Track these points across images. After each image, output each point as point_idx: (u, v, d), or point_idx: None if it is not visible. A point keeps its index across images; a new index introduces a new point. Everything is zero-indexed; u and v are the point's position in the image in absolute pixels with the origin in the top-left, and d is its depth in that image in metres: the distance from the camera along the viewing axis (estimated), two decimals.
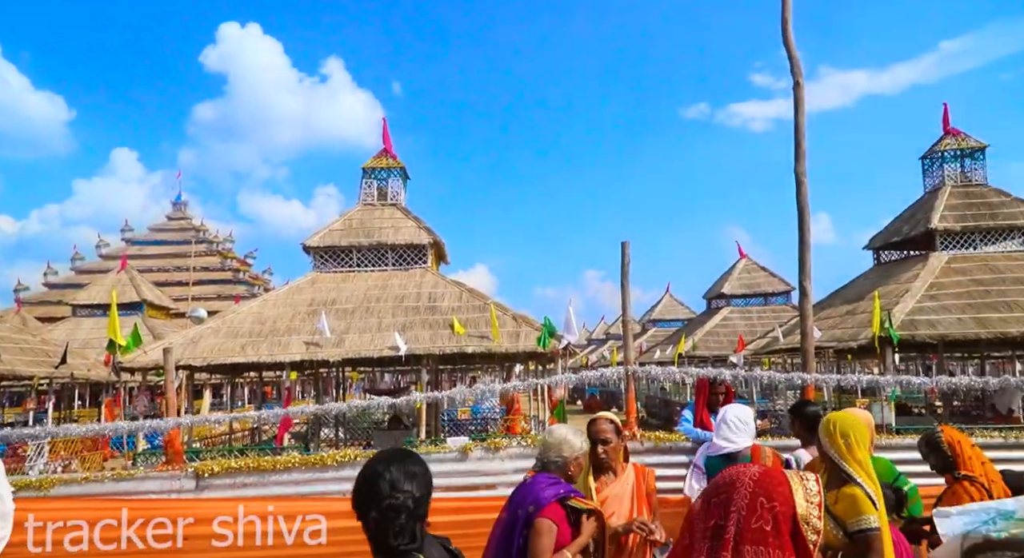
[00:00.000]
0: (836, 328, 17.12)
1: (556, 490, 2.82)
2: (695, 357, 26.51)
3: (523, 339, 14.29)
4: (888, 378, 11.08)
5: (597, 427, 3.38)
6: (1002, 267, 16.60)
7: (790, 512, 1.41)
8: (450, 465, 6.04)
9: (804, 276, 8.16)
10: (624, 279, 7.91)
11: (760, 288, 30.34)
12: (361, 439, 15.71)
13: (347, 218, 17.49)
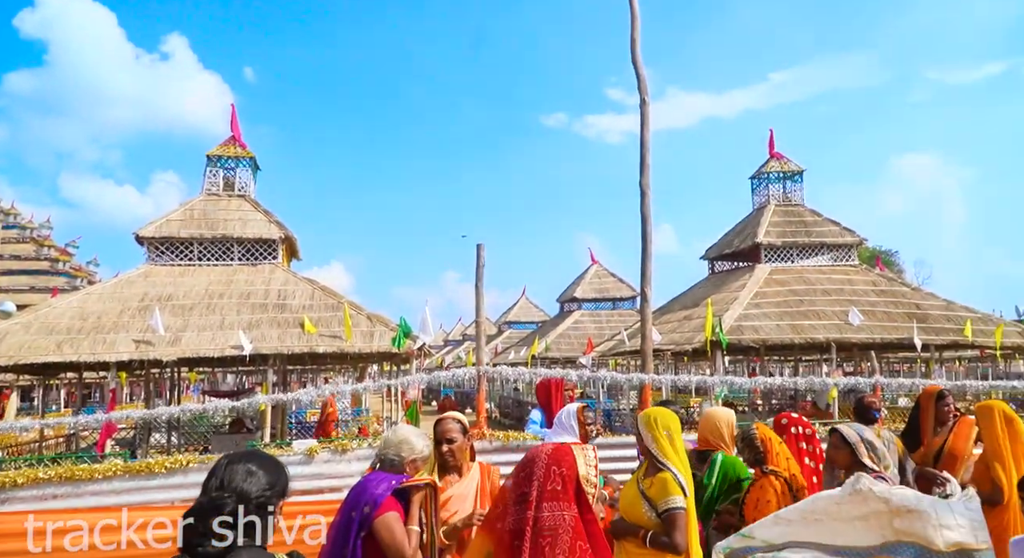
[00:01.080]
0: (674, 332, 18.38)
1: (389, 484, 2.82)
2: (548, 358, 27.38)
3: (377, 339, 14.05)
4: (716, 378, 12.08)
5: (443, 427, 3.40)
6: (814, 279, 18.65)
7: (574, 474, 1.76)
8: (295, 468, 5.84)
9: (645, 283, 8.69)
10: (479, 281, 8.03)
11: (609, 293, 31.91)
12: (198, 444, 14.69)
13: (188, 208, 16.30)
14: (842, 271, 19.17)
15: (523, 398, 24.99)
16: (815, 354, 22.65)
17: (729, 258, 21.36)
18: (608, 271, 32.91)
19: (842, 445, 3.40)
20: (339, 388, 8.35)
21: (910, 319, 16.56)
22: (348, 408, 20.02)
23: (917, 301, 18.02)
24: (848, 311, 16.32)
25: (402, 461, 2.99)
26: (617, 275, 32.48)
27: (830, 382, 10.18)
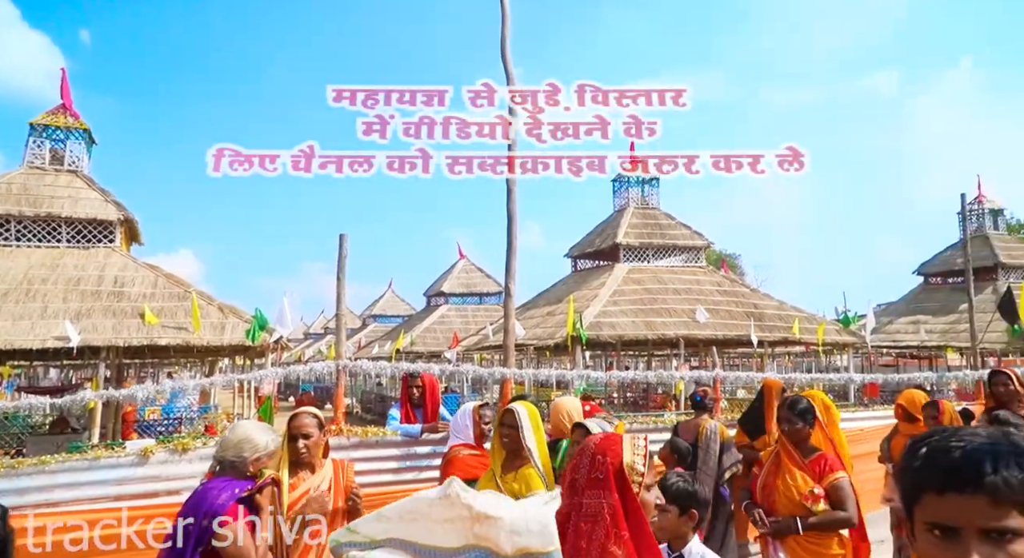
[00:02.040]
0: (538, 327, 18.81)
1: (232, 492, 2.61)
2: (413, 353, 27.09)
3: (229, 331, 13.23)
4: (575, 372, 12.47)
5: (298, 422, 3.24)
6: (667, 279, 19.80)
7: (618, 462, 1.87)
8: (126, 471, 5.32)
9: (509, 278, 8.75)
10: (340, 272, 7.73)
11: (477, 288, 32.14)
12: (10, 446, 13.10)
13: (6, 181, 14.48)
14: (691, 272, 20.49)
15: (387, 393, 24.58)
16: (666, 349, 24.07)
17: (591, 256, 22.19)
18: (475, 266, 33.13)
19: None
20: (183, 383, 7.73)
21: (748, 317, 18.00)
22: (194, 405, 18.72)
23: (755, 301, 19.64)
24: (696, 309, 17.47)
25: (245, 461, 2.78)
26: (484, 270, 32.79)
27: (677, 375, 10.81)
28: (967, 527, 0.95)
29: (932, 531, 0.99)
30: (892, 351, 26.16)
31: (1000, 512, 0.94)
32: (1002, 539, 0.94)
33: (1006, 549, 0.94)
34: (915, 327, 25.37)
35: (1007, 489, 0.94)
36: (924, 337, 24.67)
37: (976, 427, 1.06)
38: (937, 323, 24.95)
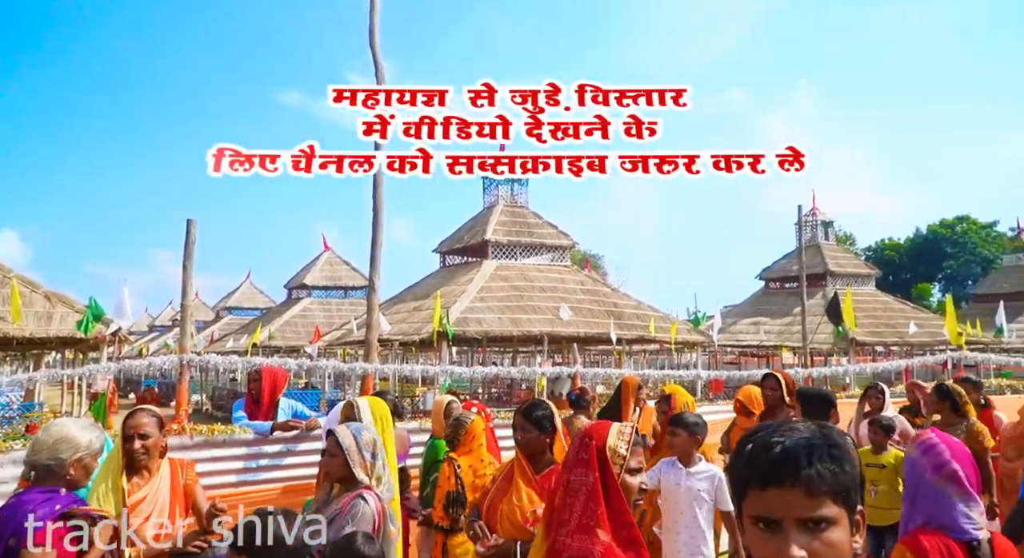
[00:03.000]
0: (404, 322, 18.56)
1: (50, 507, 2.30)
2: (271, 347, 25.84)
3: (58, 322, 11.96)
4: (440, 368, 12.42)
5: (135, 421, 2.95)
6: (533, 277, 20.22)
7: (602, 445, 2.04)
8: None
9: (374, 271, 8.58)
10: (187, 260, 7.22)
11: (342, 281, 31.19)
12: None
13: None
14: (557, 270, 21.06)
15: (240, 389, 23.24)
16: (531, 346, 24.61)
17: (459, 252, 22.21)
18: (341, 259, 32.15)
19: (336, 451, 2.81)
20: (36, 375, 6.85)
21: (609, 316, 18.77)
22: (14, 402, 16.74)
23: (615, 301, 20.52)
24: (560, 307, 17.97)
25: (63, 464, 2.46)
26: (351, 263, 31.89)
27: (539, 371, 11.05)
28: (786, 518, 1.00)
29: (757, 524, 1.03)
30: (735, 350, 28.34)
31: (815, 503, 1.00)
32: (817, 528, 1.00)
33: (820, 537, 0.99)
34: (756, 328, 27.64)
35: (820, 481, 1.00)
36: (763, 337, 26.95)
37: (797, 422, 1.12)
38: (774, 325, 27.33)
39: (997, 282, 33.03)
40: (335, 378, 23.59)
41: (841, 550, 1.00)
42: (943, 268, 54.51)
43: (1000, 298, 26.03)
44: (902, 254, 56.84)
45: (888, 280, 44.19)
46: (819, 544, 0.99)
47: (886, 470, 4.20)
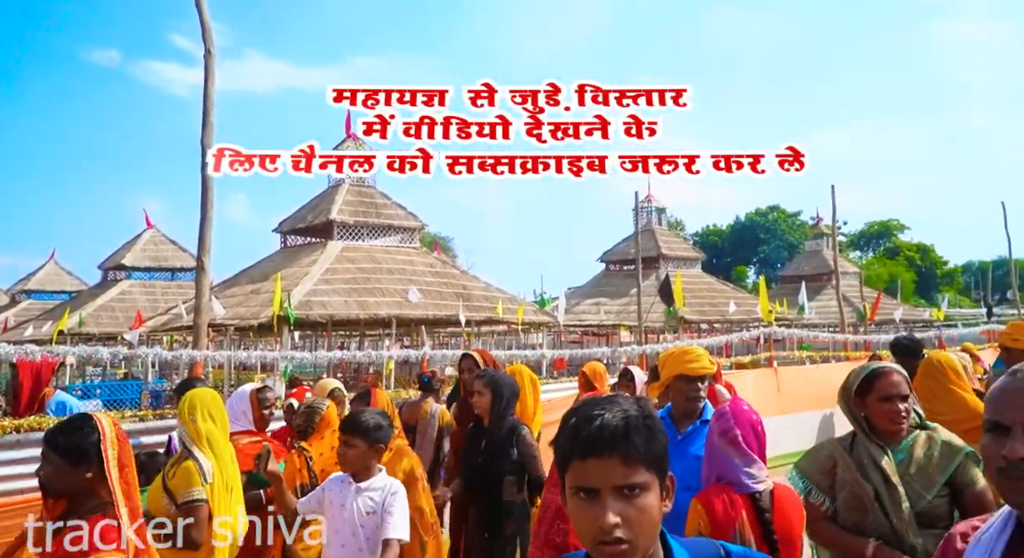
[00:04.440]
0: (240, 306, 17.43)
1: None
2: (82, 334, 23.24)
3: None
4: (280, 354, 11.80)
5: None
6: (381, 258, 19.76)
7: None
8: None
9: (203, 251, 7.92)
10: None
11: (168, 262, 28.70)
12: None
13: None
14: (406, 252, 20.74)
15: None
16: (378, 329, 24.14)
17: (302, 233, 21.20)
18: (167, 238, 29.53)
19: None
20: None
21: (458, 298, 18.81)
22: None
23: (464, 283, 20.60)
24: (408, 289, 17.72)
25: None
26: (179, 243, 29.36)
27: (387, 355, 10.83)
28: (604, 487, 1.08)
29: (578, 494, 1.10)
30: (578, 329, 29.61)
31: (630, 471, 1.08)
32: (632, 494, 1.08)
33: (634, 503, 1.08)
34: (597, 308, 29.04)
35: (635, 451, 1.09)
36: (603, 317, 28.37)
37: (618, 396, 1.20)
38: (614, 305, 28.86)
39: (800, 265, 37.12)
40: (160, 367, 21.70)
41: (652, 513, 1.09)
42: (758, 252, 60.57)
43: (802, 279, 29.30)
44: (724, 239, 62.42)
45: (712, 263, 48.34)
46: (633, 509, 1.07)
47: None
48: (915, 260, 55.68)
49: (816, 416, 10.01)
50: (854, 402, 2.39)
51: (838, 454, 2.37)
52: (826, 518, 2.32)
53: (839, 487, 2.34)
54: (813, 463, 2.44)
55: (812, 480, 2.38)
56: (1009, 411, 1.17)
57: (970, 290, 54.77)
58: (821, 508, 2.33)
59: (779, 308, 24.21)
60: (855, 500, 2.29)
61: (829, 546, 2.36)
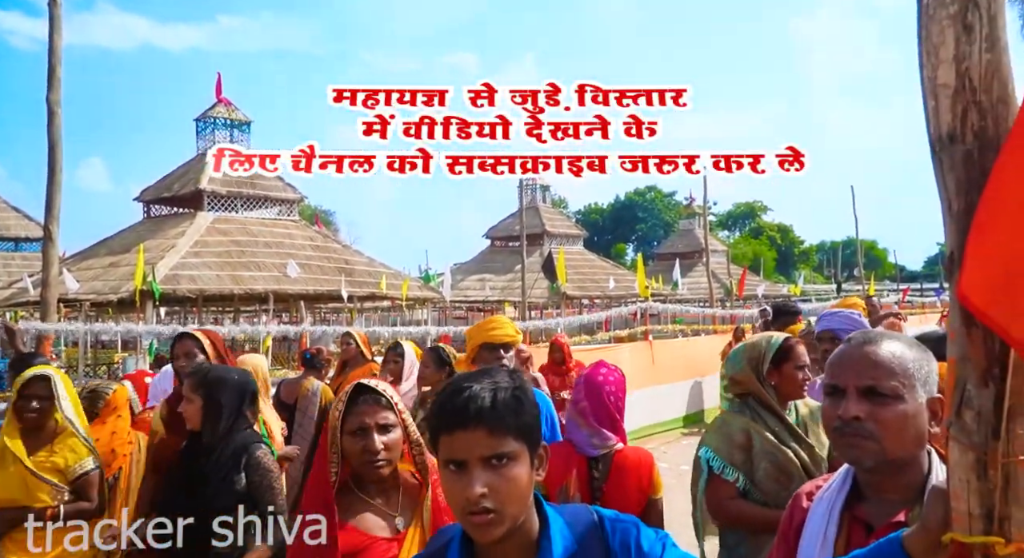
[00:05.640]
0: (97, 279, 16.09)
1: None
2: None
3: None
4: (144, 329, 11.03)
5: None
6: (256, 231, 18.81)
7: None
8: None
9: (51, 219, 7.19)
10: None
11: (11, 232, 25.93)
12: None
13: None
14: (284, 225, 19.86)
15: None
16: (255, 304, 23.09)
17: (168, 202, 19.78)
18: (10, 205, 26.67)
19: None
20: None
21: (340, 273, 18.29)
22: None
23: (347, 257, 20.05)
24: (287, 263, 17.01)
25: None
26: (23, 210, 26.59)
27: (264, 330, 10.39)
28: (471, 458, 1.08)
29: (448, 466, 1.10)
30: (464, 305, 29.69)
31: (496, 441, 1.08)
32: (500, 464, 1.08)
33: (501, 472, 1.08)
34: (482, 284, 29.22)
35: (501, 421, 1.09)
36: (488, 293, 28.60)
37: (492, 369, 1.19)
38: (499, 281, 29.15)
39: (674, 243, 39.09)
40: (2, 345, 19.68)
41: (521, 483, 1.09)
42: (636, 230, 63.15)
43: (676, 257, 30.89)
44: (605, 217, 64.53)
45: (593, 241, 49.87)
46: (500, 480, 1.07)
47: None
48: (776, 239, 60.15)
49: (687, 385, 10.63)
50: (769, 372, 2.36)
51: (750, 426, 2.30)
52: (738, 496, 2.26)
53: (757, 459, 2.26)
54: (725, 438, 2.32)
55: (725, 457, 2.27)
56: (843, 375, 1.28)
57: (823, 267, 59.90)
58: (735, 485, 2.25)
59: (655, 284, 25.46)
60: (777, 469, 2.24)
61: (748, 525, 2.26)
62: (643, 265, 16.70)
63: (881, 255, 58.89)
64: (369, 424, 1.66)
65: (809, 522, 1.35)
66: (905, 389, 1.24)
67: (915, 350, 1.29)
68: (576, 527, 1.17)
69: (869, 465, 1.25)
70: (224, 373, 2.63)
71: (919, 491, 1.25)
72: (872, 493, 1.30)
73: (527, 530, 1.13)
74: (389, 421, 1.68)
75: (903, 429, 1.23)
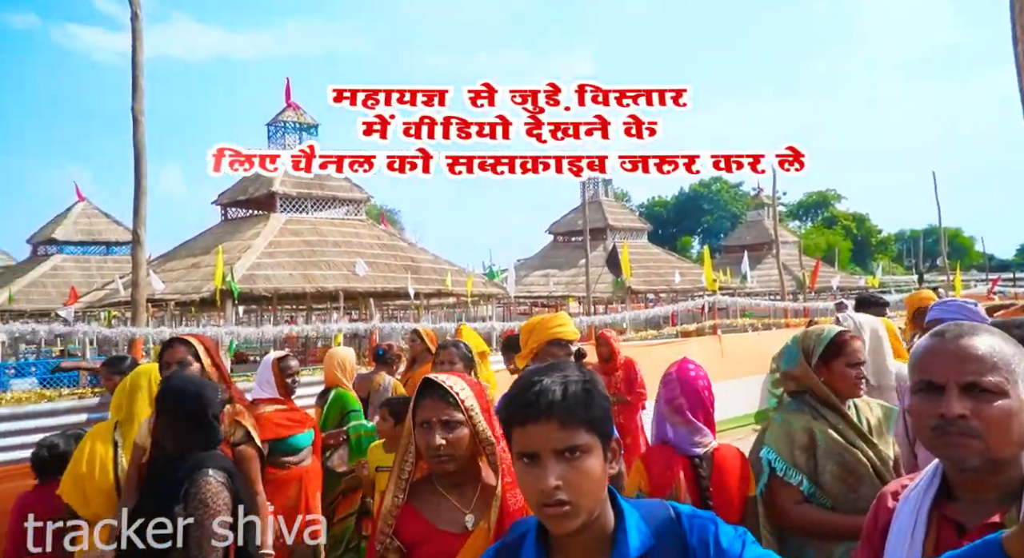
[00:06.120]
0: (180, 280, 16.90)
1: None
2: (12, 311, 22.21)
3: None
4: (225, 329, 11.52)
5: None
6: (326, 231, 19.37)
7: None
8: None
9: (139, 223, 7.61)
10: None
11: (102, 236, 27.55)
12: None
13: None
14: (351, 225, 20.37)
15: None
16: (326, 302, 23.78)
17: (243, 205, 20.59)
18: (100, 211, 28.31)
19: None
20: None
21: (406, 271, 18.63)
22: None
23: (412, 255, 20.40)
24: (355, 262, 17.45)
25: None
26: (112, 216, 28.19)
27: (335, 328, 10.69)
28: (544, 451, 1.09)
29: (521, 459, 1.12)
30: (527, 301, 29.79)
31: (568, 434, 1.10)
32: (573, 456, 1.09)
33: (574, 465, 1.09)
34: (546, 280, 29.23)
35: (572, 414, 1.10)
36: (552, 288, 28.59)
37: (561, 363, 1.21)
38: (563, 276, 29.09)
39: (742, 235, 38.07)
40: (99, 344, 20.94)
41: (594, 476, 1.10)
42: (701, 223, 61.86)
43: (744, 249, 30.09)
44: (669, 210, 63.46)
45: (658, 234, 49.14)
46: (574, 472, 1.08)
47: None
48: (851, 229, 57.80)
49: (758, 380, 10.36)
50: (817, 367, 2.23)
51: (813, 425, 2.16)
52: (803, 500, 2.13)
53: (823, 460, 2.13)
54: (787, 439, 2.17)
55: (787, 458, 2.15)
56: (940, 371, 1.21)
57: (903, 257, 57.23)
58: (799, 488, 2.12)
59: (723, 277, 24.87)
60: (845, 471, 2.11)
61: (815, 530, 2.12)
62: (710, 258, 16.33)
63: (967, 243, 55.72)
64: (432, 420, 1.68)
65: (895, 522, 1.30)
66: (1009, 384, 1.18)
67: (1010, 343, 1.23)
68: (652, 522, 1.17)
69: (975, 465, 1.19)
70: (180, 383, 2.23)
71: (1016, 491, 1.19)
72: (965, 493, 1.24)
73: (603, 524, 1.14)
74: (453, 418, 1.68)
75: (1009, 426, 1.17)
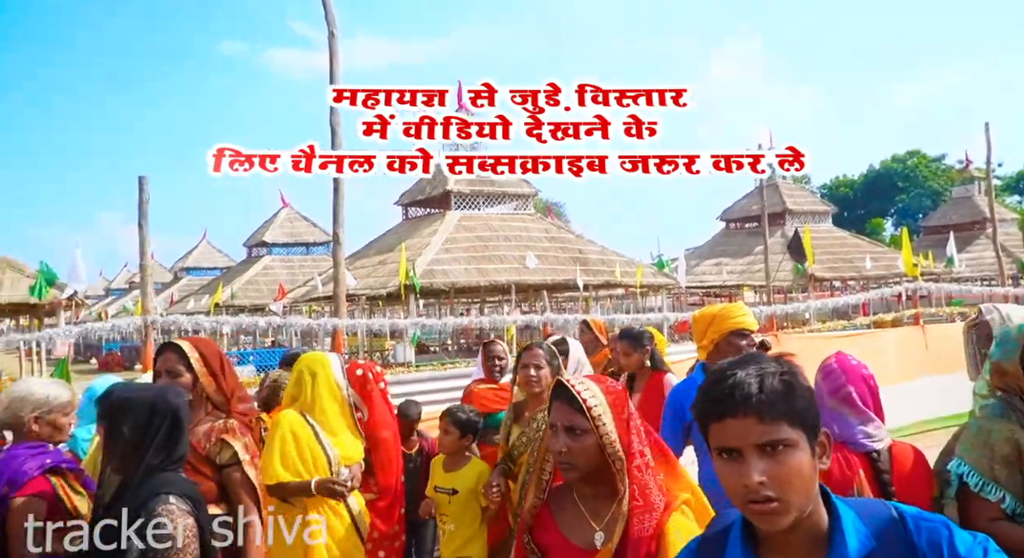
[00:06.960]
0: (369, 276, 18.39)
1: (41, 461, 2.25)
2: (234, 306, 25.46)
3: (9, 288, 11.55)
4: (409, 321, 12.40)
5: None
6: (497, 226, 20.10)
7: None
8: None
9: (337, 225, 8.43)
10: (143, 218, 7.04)
11: (302, 237, 30.69)
12: None
13: None
14: (521, 219, 20.97)
15: None
16: (498, 295, 24.70)
17: (422, 204, 21.93)
18: (300, 215, 31.55)
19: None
20: None
21: (574, 263, 18.85)
22: None
23: (580, 247, 20.57)
24: (526, 256, 17.96)
25: (21, 421, 2.35)
26: (311, 219, 31.32)
27: (509, 320, 11.09)
28: (745, 446, 1.05)
29: (721, 455, 1.08)
30: (699, 291, 28.86)
31: (769, 427, 1.05)
32: (775, 451, 1.05)
33: (779, 460, 1.04)
34: (718, 268, 28.13)
35: (772, 407, 1.06)
36: (725, 277, 27.45)
37: (757, 355, 1.16)
38: (736, 264, 27.83)
39: (947, 214, 34.01)
40: (302, 335, 23.43)
41: (801, 471, 1.05)
42: (895, 202, 55.85)
43: (950, 229, 26.87)
44: (856, 190, 57.96)
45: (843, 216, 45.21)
46: (779, 467, 1.04)
47: None
48: None
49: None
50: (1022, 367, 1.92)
51: (1018, 434, 1.88)
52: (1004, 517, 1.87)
53: None
54: (985, 450, 1.90)
55: (985, 472, 1.89)
56: None
57: None
58: (1001, 506, 1.86)
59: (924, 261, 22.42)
60: None
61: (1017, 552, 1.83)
62: (908, 240, 14.82)
63: None
64: (557, 424, 1.63)
65: None
66: None
67: None
68: (871, 522, 1.10)
69: None
70: (132, 394, 1.91)
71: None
72: None
73: (815, 522, 1.08)
74: (576, 425, 1.59)
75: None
